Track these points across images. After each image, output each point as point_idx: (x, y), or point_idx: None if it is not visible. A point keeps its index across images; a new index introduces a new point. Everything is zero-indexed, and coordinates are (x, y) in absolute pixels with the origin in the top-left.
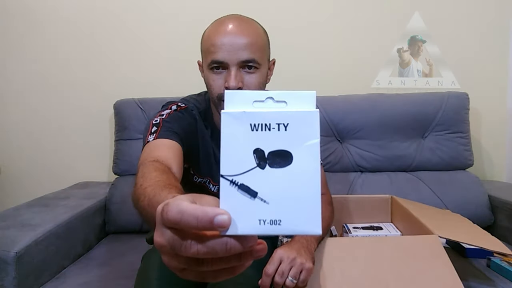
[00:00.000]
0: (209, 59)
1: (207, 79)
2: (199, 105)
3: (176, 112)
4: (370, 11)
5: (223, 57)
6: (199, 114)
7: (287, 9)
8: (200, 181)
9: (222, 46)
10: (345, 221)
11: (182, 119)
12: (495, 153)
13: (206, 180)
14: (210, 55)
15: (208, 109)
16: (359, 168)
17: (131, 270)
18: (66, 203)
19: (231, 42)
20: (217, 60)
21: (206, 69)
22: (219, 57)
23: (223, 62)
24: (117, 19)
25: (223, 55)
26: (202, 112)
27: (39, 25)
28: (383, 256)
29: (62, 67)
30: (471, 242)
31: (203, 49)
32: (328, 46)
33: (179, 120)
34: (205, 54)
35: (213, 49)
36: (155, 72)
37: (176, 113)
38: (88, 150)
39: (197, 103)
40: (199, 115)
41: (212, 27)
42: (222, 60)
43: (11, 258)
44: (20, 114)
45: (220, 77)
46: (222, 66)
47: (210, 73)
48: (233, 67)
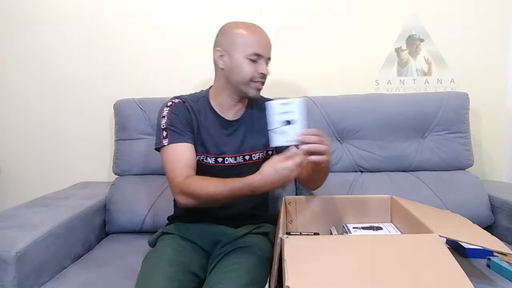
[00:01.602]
0: (249, 51)
1: (242, 65)
2: (193, 97)
3: (172, 111)
4: (368, 10)
5: (263, 51)
6: (192, 104)
7: (287, 9)
8: (198, 158)
9: (262, 43)
10: (345, 221)
11: (179, 116)
12: (495, 153)
13: (203, 157)
14: (252, 49)
15: (205, 98)
16: (359, 168)
17: (131, 270)
18: (66, 203)
19: (266, 42)
20: (258, 53)
21: (240, 57)
22: (261, 51)
23: (260, 55)
24: (117, 19)
25: (263, 50)
26: (197, 101)
27: (39, 25)
28: (384, 251)
29: (62, 67)
30: (471, 241)
31: (242, 43)
32: (328, 46)
33: (177, 117)
34: (244, 47)
35: (256, 45)
36: (155, 72)
37: (172, 114)
38: (88, 150)
39: (191, 97)
40: (193, 104)
41: (244, 27)
42: (261, 53)
43: (11, 258)
44: (20, 114)
45: (254, 65)
46: (258, 58)
47: (246, 61)
48: (264, 60)
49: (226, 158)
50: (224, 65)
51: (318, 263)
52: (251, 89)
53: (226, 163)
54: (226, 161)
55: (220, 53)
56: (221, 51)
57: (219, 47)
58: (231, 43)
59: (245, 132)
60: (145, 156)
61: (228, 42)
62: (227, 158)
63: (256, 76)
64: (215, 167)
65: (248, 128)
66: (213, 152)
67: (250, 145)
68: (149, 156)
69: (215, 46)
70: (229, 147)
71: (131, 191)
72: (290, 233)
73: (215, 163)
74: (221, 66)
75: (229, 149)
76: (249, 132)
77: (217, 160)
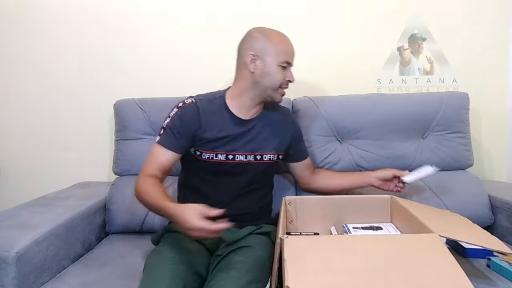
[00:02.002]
0: (283, 59)
1: (274, 71)
2: (209, 97)
3: (178, 114)
4: (370, 9)
5: (291, 60)
6: (205, 104)
7: (286, 9)
8: (207, 157)
9: (291, 51)
10: (345, 221)
11: (182, 122)
12: (495, 153)
13: (213, 155)
14: (284, 56)
15: (221, 98)
16: (359, 168)
17: (131, 270)
18: (66, 203)
19: (294, 51)
20: (289, 61)
21: (274, 64)
22: (290, 59)
23: (290, 64)
24: (118, 19)
25: (292, 58)
26: (213, 100)
27: (39, 25)
28: (384, 251)
29: (62, 67)
30: (471, 241)
31: (276, 49)
32: (328, 46)
33: (179, 122)
34: (278, 54)
35: (287, 53)
36: (155, 72)
37: (176, 117)
38: (88, 150)
39: (207, 96)
40: (206, 104)
41: (276, 35)
42: (290, 62)
43: (11, 258)
44: (20, 114)
45: (283, 72)
46: (288, 65)
47: (278, 68)
48: (290, 68)
49: (236, 156)
50: (255, 69)
51: (318, 263)
52: (278, 94)
53: (236, 160)
54: (236, 158)
55: (252, 57)
56: (254, 55)
57: (252, 52)
58: (265, 49)
59: (259, 132)
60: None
61: (262, 48)
62: (238, 156)
63: (284, 83)
64: (226, 164)
65: (262, 129)
66: (224, 149)
67: (262, 146)
68: None
69: (247, 50)
70: (241, 144)
71: (131, 191)
72: (290, 233)
73: (226, 159)
74: (251, 69)
75: (240, 147)
76: (262, 133)
77: (227, 157)
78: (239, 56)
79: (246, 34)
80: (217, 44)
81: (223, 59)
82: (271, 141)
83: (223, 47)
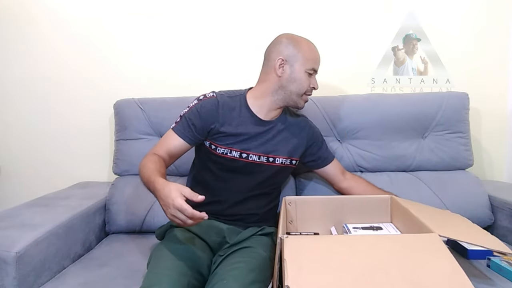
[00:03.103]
0: (310, 66)
1: (301, 78)
2: (230, 93)
3: (196, 106)
4: (364, 9)
5: (317, 67)
6: (226, 99)
7: (285, 9)
8: (222, 151)
9: (318, 59)
10: (345, 221)
11: (200, 114)
12: (495, 153)
13: (228, 151)
14: (312, 64)
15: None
16: (359, 168)
17: (131, 270)
18: (66, 203)
19: (320, 59)
20: (315, 69)
21: (301, 70)
22: (317, 67)
23: (316, 71)
24: (117, 19)
25: (317, 66)
26: (234, 97)
27: (39, 26)
28: (384, 251)
29: (62, 67)
30: (471, 241)
31: (305, 56)
32: (325, 44)
33: (197, 114)
34: (306, 61)
35: (315, 61)
36: (155, 72)
37: (195, 109)
38: (88, 150)
39: (228, 92)
40: (227, 100)
41: (305, 42)
42: (317, 69)
43: (11, 258)
44: (20, 114)
45: (309, 79)
46: (314, 73)
47: (305, 74)
48: (315, 76)
49: (250, 155)
50: (282, 73)
51: (318, 263)
52: (302, 100)
53: (249, 159)
54: (250, 158)
55: (282, 62)
56: (283, 60)
57: (281, 56)
58: (294, 55)
59: (275, 135)
60: None
61: (292, 53)
62: (251, 155)
63: (309, 90)
64: (239, 162)
65: (278, 133)
66: (239, 146)
67: (276, 148)
68: None
69: (277, 54)
70: (256, 144)
71: (131, 191)
72: (290, 233)
73: (239, 157)
74: (279, 74)
75: (255, 147)
76: (279, 136)
77: (241, 155)
78: (267, 59)
79: (276, 39)
80: (217, 43)
81: (223, 59)
82: (285, 145)
83: (223, 47)
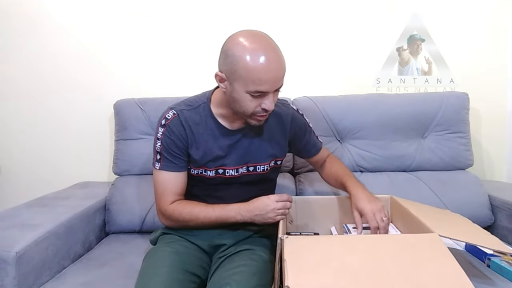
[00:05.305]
0: (252, 88)
1: (243, 99)
2: (192, 104)
3: (165, 134)
4: (369, 10)
5: (266, 89)
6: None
7: (286, 9)
8: (196, 172)
9: (268, 81)
10: (345, 221)
11: (173, 141)
12: (495, 153)
13: (201, 170)
14: (254, 85)
15: (206, 105)
16: (359, 168)
17: (131, 270)
18: (66, 203)
19: (274, 77)
20: (261, 91)
21: (242, 92)
22: (263, 89)
23: (266, 92)
24: (117, 19)
25: (266, 87)
26: (197, 108)
27: (39, 26)
28: (384, 251)
29: (62, 67)
30: (471, 241)
31: (244, 76)
32: (328, 46)
33: (171, 141)
34: (245, 82)
35: (259, 82)
36: (155, 72)
37: (166, 138)
38: (88, 150)
39: (190, 103)
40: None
41: (254, 59)
42: (265, 91)
43: (11, 258)
44: (20, 114)
45: (257, 100)
46: (262, 94)
47: (247, 96)
48: (271, 94)
49: (226, 170)
50: (225, 90)
51: (318, 263)
52: (253, 120)
53: (226, 175)
54: (226, 173)
55: (219, 77)
56: (220, 75)
57: (220, 71)
58: (233, 71)
59: (250, 142)
60: (145, 156)
61: (229, 69)
62: (228, 170)
63: (258, 111)
64: (217, 178)
65: (254, 138)
66: (212, 165)
67: (255, 156)
68: (149, 156)
69: (219, 66)
70: (230, 158)
71: (131, 191)
72: (290, 233)
73: (216, 175)
74: (222, 89)
75: (230, 161)
76: (255, 142)
77: (217, 172)
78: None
79: (225, 41)
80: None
81: None
82: (264, 150)
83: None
